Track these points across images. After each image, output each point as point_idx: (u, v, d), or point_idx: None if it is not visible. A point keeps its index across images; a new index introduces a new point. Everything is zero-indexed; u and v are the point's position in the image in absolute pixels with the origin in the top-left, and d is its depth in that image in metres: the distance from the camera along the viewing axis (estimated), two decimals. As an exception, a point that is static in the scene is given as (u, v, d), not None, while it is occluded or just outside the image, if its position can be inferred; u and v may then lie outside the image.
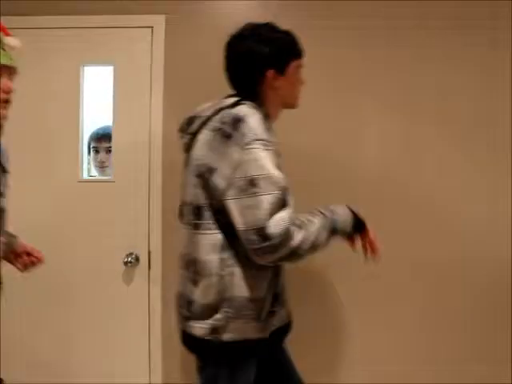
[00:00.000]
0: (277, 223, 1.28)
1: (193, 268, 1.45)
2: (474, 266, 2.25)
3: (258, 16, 2.34)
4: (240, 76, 1.51)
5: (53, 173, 2.35)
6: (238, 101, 1.45)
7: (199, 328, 1.43)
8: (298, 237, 1.33)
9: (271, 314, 1.47)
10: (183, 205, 1.53)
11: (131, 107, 2.33)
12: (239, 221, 1.32)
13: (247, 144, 1.32)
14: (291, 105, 1.59)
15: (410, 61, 2.25)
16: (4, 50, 1.37)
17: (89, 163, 2.51)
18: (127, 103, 2.34)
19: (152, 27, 2.31)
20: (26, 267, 1.57)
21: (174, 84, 2.33)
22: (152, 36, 2.31)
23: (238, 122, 1.35)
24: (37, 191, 2.36)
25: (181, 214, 1.57)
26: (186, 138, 1.56)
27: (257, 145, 1.32)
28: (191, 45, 2.33)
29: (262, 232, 1.27)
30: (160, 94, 2.31)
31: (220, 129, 1.38)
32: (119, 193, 2.33)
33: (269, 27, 1.52)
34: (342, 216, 1.48)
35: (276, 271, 1.49)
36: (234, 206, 1.32)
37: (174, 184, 2.34)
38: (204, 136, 1.43)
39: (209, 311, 1.41)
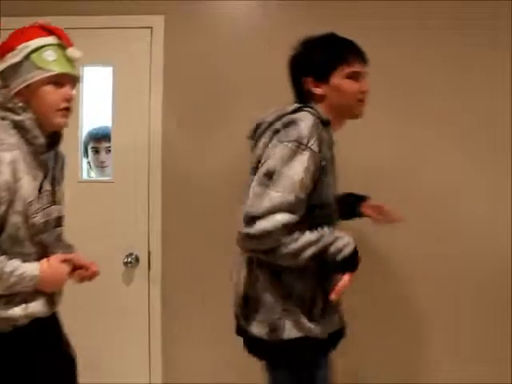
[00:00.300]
0: (267, 223, 1.28)
1: (253, 264, 1.48)
2: (474, 265, 2.24)
3: (258, 16, 2.35)
4: (290, 83, 1.56)
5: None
6: (299, 107, 1.47)
7: (258, 327, 1.45)
8: (279, 240, 1.31)
9: (325, 312, 1.46)
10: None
11: (131, 108, 2.33)
12: (248, 201, 1.34)
13: (286, 141, 1.35)
14: (348, 114, 1.54)
15: (410, 61, 2.25)
16: (66, 59, 1.41)
17: (88, 164, 2.52)
18: (127, 104, 2.34)
19: (151, 28, 2.31)
20: (82, 280, 1.62)
21: (174, 84, 2.33)
22: (151, 36, 2.31)
23: (290, 123, 1.39)
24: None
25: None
26: (252, 144, 1.61)
27: (293, 144, 1.34)
28: (190, 45, 2.33)
29: (248, 220, 1.29)
30: (159, 94, 2.31)
31: (276, 131, 1.42)
32: (119, 193, 2.34)
33: (324, 37, 1.53)
34: (339, 245, 1.39)
35: (326, 268, 1.45)
36: (251, 190, 1.36)
37: (174, 184, 2.35)
38: (264, 139, 1.47)
39: (266, 310, 1.44)
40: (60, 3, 2.32)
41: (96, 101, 2.43)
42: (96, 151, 2.49)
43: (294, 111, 1.45)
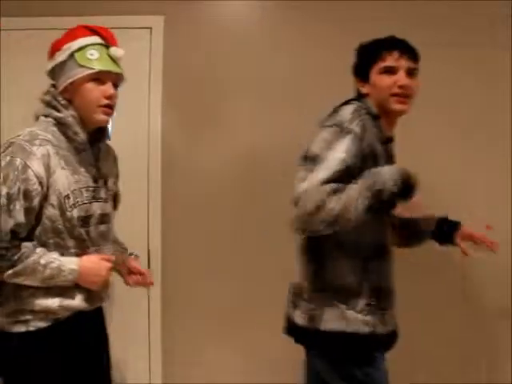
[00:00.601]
0: (315, 193, 1.27)
1: (300, 258, 1.51)
2: (474, 265, 2.24)
3: (258, 16, 2.35)
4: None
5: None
6: (347, 101, 1.51)
7: (300, 316, 1.47)
8: (331, 201, 1.27)
9: (370, 308, 1.44)
10: None
11: (130, 107, 2.32)
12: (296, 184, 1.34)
13: (328, 125, 1.39)
14: (387, 109, 1.52)
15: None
16: (109, 57, 1.46)
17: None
18: (126, 103, 2.32)
19: (151, 28, 2.31)
20: (135, 285, 1.68)
21: (173, 84, 2.33)
22: (151, 37, 2.31)
23: (333, 111, 1.45)
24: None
25: None
26: None
27: (334, 127, 1.37)
28: (190, 46, 2.33)
29: (297, 201, 1.30)
30: (159, 94, 2.32)
31: (321, 122, 1.45)
32: (119, 193, 2.34)
33: (368, 40, 1.56)
34: (384, 176, 1.33)
35: (370, 263, 1.45)
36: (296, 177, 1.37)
37: (173, 183, 2.35)
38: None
39: (307, 299, 1.46)
40: (60, 3, 2.32)
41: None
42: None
43: (341, 104, 1.49)
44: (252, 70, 2.32)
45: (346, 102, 1.50)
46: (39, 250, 1.37)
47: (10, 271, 1.33)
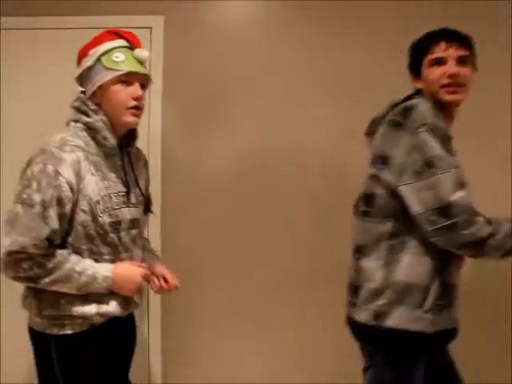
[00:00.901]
0: (460, 199, 1.29)
1: (361, 254, 1.49)
2: (474, 265, 2.24)
3: (258, 16, 2.35)
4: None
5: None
6: (409, 96, 1.50)
7: (363, 313, 1.45)
8: (485, 228, 1.31)
9: (438, 307, 1.42)
10: (359, 197, 1.58)
11: (130, 108, 2.33)
12: (416, 204, 1.33)
13: (417, 128, 1.35)
14: (442, 101, 1.50)
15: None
16: (135, 59, 1.45)
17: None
18: (126, 104, 2.34)
19: (151, 28, 2.31)
20: (159, 290, 1.67)
21: (173, 84, 2.33)
22: (151, 37, 2.31)
23: (408, 110, 1.40)
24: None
25: (355, 206, 1.61)
26: (369, 139, 1.61)
27: (425, 128, 1.35)
28: (190, 45, 2.33)
29: (445, 210, 1.30)
30: (159, 94, 2.32)
31: (392, 120, 1.42)
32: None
33: (422, 35, 1.55)
34: None
35: (444, 261, 1.44)
36: (409, 191, 1.35)
37: (173, 183, 2.35)
38: (380, 131, 1.48)
39: (373, 296, 1.43)
40: (60, 3, 2.32)
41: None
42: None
43: (405, 100, 1.48)
44: (252, 70, 2.32)
45: (410, 97, 1.49)
46: (74, 257, 1.38)
47: (46, 279, 1.35)
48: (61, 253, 1.37)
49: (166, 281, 1.66)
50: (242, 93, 2.33)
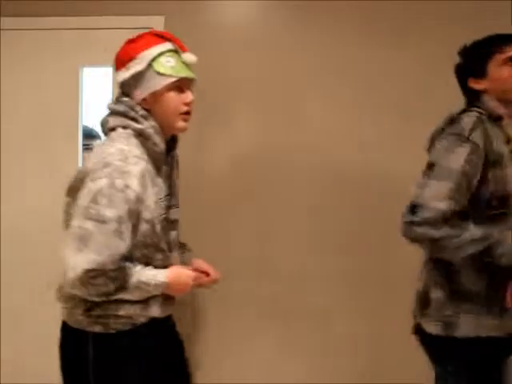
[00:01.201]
0: (434, 205, 1.33)
1: (427, 266, 1.52)
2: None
3: (258, 16, 2.35)
4: (461, 91, 1.59)
5: (53, 173, 2.37)
6: (466, 108, 1.51)
7: (433, 325, 1.45)
8: (441, 230, 1.34)
9: (501, 311, 1.43)
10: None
11: (130, 108, 2.33)
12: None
13: (447, 135, 1.42)
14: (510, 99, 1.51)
15: (410, 61, 2.25)
16: (183, 63, 1.44)
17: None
18: (126, 104, 2.34)
19: (151, 28, 2.30)
20: (200, 285, 1.66)
21: (173, 85, 2.33)
22: (151, 37, 2.31)
23: (453, 120, 1.46)
24: (37, 191, 2.37)
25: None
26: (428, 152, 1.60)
27: (453, 137, 1.40)
28: (190, 46, 2.31)
29: (414, 208, 1.36)
30: (159, 94, 2.32)
31: (444, 130, 1.48)
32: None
33: (475, 40, 1.56)
34: (504, 250, 1.38)
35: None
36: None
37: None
38: (437, 144, 1.49)
39: (440, 307, 1.45)
40: (60, 4, 2.33)
41: (96, 101, 2.43)
42: (87, 149, 2.50)
43: (461, 112, 1.49)
44: (253, 70, 2.33)
45: (466, 110, 1.49)
46: (138, 268, 1.37)
47: (119, 293, 1.34)
48: (128, 265, 1.35)
49: (207, 274, 1.67)
50: (242, 93, 2.34)
